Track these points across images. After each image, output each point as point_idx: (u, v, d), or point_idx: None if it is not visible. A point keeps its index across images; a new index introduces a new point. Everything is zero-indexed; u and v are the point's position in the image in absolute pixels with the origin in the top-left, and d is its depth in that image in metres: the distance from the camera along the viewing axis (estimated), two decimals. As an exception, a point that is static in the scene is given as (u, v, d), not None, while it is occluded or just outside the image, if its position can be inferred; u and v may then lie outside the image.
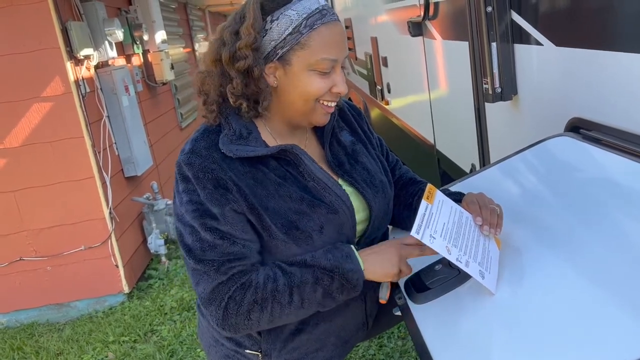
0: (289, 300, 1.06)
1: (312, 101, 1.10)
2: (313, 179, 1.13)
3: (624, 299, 0.78)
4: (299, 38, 1.05)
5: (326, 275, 1.06)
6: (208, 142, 1.09)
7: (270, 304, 1.05)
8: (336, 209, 1.12)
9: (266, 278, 1.06)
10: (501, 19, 1.44)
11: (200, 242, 1.05)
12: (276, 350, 1.21)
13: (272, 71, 1.08)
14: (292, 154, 1.11)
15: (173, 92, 5.09)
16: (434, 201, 1.01)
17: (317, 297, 1.07)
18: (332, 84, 1.09)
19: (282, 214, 1.08)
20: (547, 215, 1.08)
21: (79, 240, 3.16)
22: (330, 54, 1.06)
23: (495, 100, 1.51)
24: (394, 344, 2.43)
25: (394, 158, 1.43)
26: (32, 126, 2.99)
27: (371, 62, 3.64)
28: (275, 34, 1.05)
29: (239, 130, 1.10)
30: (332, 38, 1.07)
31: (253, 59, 1.05)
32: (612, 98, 1.12)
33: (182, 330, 2.87)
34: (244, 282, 1.06)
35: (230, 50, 1.06)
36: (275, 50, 1.06)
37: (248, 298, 1.05)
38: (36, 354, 2.86)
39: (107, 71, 3.31)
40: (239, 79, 1.07)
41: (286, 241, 1.08)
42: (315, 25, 1.05)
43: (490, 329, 0.90)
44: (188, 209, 1.06)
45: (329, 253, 1.08)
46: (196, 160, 1.06)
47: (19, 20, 2.85)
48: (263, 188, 1.08)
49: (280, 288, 1.05)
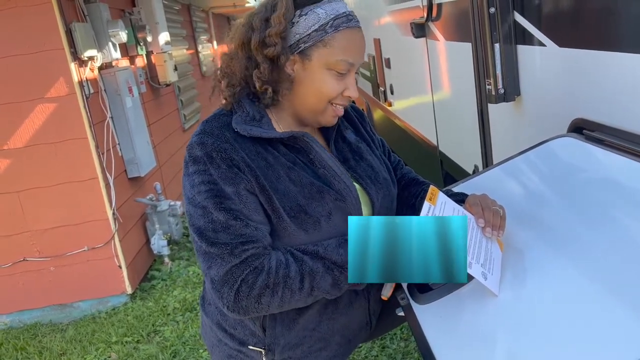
0: (299, 286, 1.07)
1: (325, 102, 1.13)
2: (324, 166, 1.15)
3: (627, 300, 0.78)
4: (323, 36, 1.09)
5: (336, 267, 1.08)
6: (220, 122, 1.12)
7: (282, 289, 1.06)
8: (344, 196, 1.14)
9: (278, 263, 1.07)
10: (504, 20, 1.44)
11: (212, 224, 1.05)
12: (279, 347, 1.21)
13: (292, 64, 1.11)
14: (303, 141, 1.14)
15: (176, 94, 5.11)
16: (437, 203, 1.01)
17: (326, 286, 1.09)
18: (345, 87, 1.13)
19: (291, 197, 1.09)
20: (550, 216, 1.08)
21: (83, 240, 3.17)
22: (349, 56, 1.10)
23: (498, 101, 1.51)
24: (397, 345, 2.43)
25: (396, 158, 1.44)
26: (36, 127, 3.00)
27: (374, 63, 3.64)
28: (302, 28, 1.09)
29: (252, 113, 1.13)
30: (354, 42, 1.12)
31: (281, 47, 1.08)
32: (615, 99, 1.12)
33: (184, 331, 2.88)
34: (256, 266, 1.06)
35: (260, 36, 1.09)
36: (298, 44, 1.10)
37: (260, 282, 1.05)
38: (39, 354, 2.86)
39: (111, 72, 3.33)
40: (266, 64, 1.10)
41: (294, 226, 1.10)
42: (341, 28, 1.09)
43: (493, 329, 0.90)
44: (201, 190, 1.07)
45: (341, 248, 1.09)
46: (208, 139, 1.08)
47: (23, 22, 2.86)
48: (274, 171, 1.10)
49: (292, 274, 1.06)
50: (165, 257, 3.68)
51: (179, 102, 5.18)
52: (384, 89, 3.50)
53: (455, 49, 2.00)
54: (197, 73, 6.37)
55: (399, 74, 3.11)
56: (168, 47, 4.39)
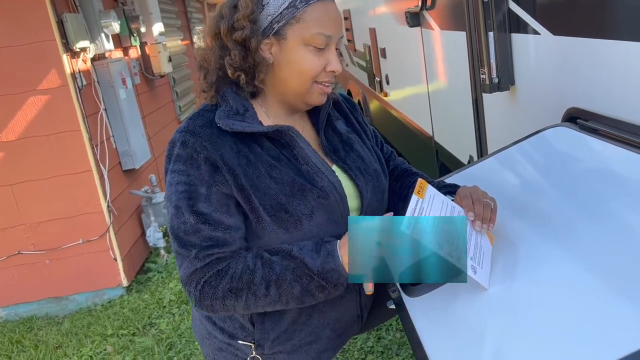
0: (265, 293, 1.06)
1: (309, 81, 1.11)
2: (307, 163, 1.13)
3: (621, 290, 0.77)
4: (294, 12, 1.07)
5: (305, 273, 1.06)
6: (203, 119, 1.10)
7: (245, 294, 1.06)
8: (327, 194, 1.12)
9: (244, 268, 1.07)
10: (498, 8, 1.42)
11: (184, 225, 1.07)
12: (269, 341, 1.20)
13: (268, 47, 1.10)
14: (288, 135, 1.12)
15: (171, 85, 5.08)
16: (425, 196, 0.99)
17: (295, 294, 1.07)
18: (326, 62, 1.11)
19: (271, 196, 1.08)
20: (544, 206, 1.07)
21: (77, 233, 3.16)
22: (324, 29, 1.08)
23: (493, 91, 1.50)
24: (392, 336, 2.43)
25: (388, 149, 1.42)
26: (28, 119, 2.98)
27: (370, 53, 3.61)
28: (272, 8, 1.07)
29: (235, 107, 1.11)
30: (327, 14, 1.09)
31: (250, 30, 1.07)
32: (610, 88, 1.10)
33: (180, 323, 2.87)
34: (220, 269, 1.07)
35: (229, 22, 1.08)
36: (272, 25, 1.08)
37: (223, 285, 1.06)
38: (35, 348, 2.86)
39: (104, 64, 3.30)
40: (237, 50, 1.08)
41: (274, 225, 1.08)
42: (311, 1, 1.07)
43: (484, 321, 0.89)
44: (177, 189, 1.08)
45: (314, 252, 1.07)
46: (190, 138, 1.07)
47: (14, 13, 2.83)
48: (255, 168, 1.08)
49: (256, 281, 1.06)
50: (161, 249, 3.68)
51: (174, 93, 5.15)
52: (379, 79, 3.47)
53: (450, 38, 1.98)
54: (192, 64, 6.33)
55: (395, 63, 3.08)
56: (162, 38, 4.35)
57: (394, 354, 2.33)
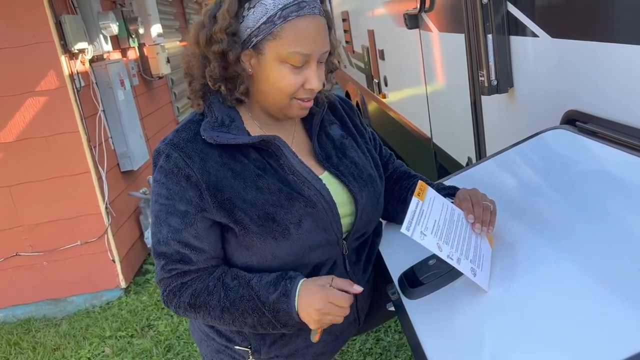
0: (219, 315, 1.10)
1: (286, 97, 1.08)
2: (293, 172, 1.12)
3: (620, 292, 0.77)
4: (272, 28, 1.03)
5: (257, 307, 1.07)
6: (188, 133, 1.10)
7: (203, 312, 1.11)
8: (314, 203, 1.10)
9: (204, 288, 1.10)
10: (497, 10, 1.43)
11: (159, 234, 1.10)
12: (266, 346, 1.20)
13: (248, 58, 1.08)
14: (274, 145, 1.10)
15: (169, 86, 5.07)
16: (425, 198, 1.00)
17: (248, 323, 1.10)
18: (304, 80, 1.07)
19: (258, 206, 1.07)
20: (543, 208, 1.07)
21: (75, 235, 3.15)
22: (302, 47, 1.03)
23: (491, 93, 1.50)
24: (391, 338, 2.43)
25: (387, 152, 1.41)
26: (26, 121, 2.97)
27: (368, 55, 3.62)
28: (251, 21, 1.04)
29: (221, 117, 1.10)
30: (307, 32, 1.04)
31: (227, 44, 1.04)
32: (608, 90, 1.11)
33: (179, 325, 2.87)
34: (184, 282, 1.12)
35: (207, 34, 1.06)
36: (250, 38, 1.05)
37: (184, 299, 1.11)
38: (33, 349, 2.85)
39: (102, 65, 3.29)
40: (216, 62, 1.07)
41: (262, 235, 1.07)
42: (290, 17, 1.02)
43: (483, 323, 0.89)
44: (158, 200, 1.10)
45: (272, 286, 1.08)
46: (173, 153, 1.07)
47: (12, 14, 2.82)
48: (240, 180, 1.07)
49: (212, 303, 1.10)
50: (160, 250, 3.66)
51: (172, 94, 5.14)
52: (377, 80, 3.47)
53: (448, 40, 1.98)
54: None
55: (393, 65, 3.09)
56: (161, 39, 4.35)
57: (392, 355, 2.33)
